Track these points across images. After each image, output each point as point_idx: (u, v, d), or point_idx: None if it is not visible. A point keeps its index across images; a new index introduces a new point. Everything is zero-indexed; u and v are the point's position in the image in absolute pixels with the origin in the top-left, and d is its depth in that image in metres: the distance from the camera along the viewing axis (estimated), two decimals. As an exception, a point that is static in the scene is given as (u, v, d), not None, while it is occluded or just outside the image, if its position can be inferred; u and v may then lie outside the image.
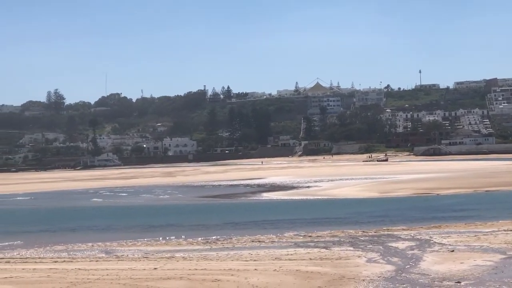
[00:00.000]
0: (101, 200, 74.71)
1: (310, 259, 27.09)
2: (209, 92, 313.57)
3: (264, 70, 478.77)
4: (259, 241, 34.49)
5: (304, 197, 66.03)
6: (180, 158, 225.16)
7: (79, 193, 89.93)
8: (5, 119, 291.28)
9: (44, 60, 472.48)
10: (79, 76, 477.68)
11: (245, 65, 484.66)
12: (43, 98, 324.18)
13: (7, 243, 37.87)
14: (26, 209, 64.85)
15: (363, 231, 36.83)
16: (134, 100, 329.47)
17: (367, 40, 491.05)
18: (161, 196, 76.94)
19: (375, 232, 36.22)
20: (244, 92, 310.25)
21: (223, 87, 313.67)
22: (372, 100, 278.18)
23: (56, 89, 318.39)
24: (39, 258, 30.52)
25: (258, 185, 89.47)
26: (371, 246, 30.89)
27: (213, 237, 37.00)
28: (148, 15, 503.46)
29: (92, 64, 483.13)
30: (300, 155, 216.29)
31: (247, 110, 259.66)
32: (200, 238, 36.82)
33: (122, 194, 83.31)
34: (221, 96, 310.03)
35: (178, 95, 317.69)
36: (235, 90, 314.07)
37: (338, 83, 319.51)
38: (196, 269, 24.16)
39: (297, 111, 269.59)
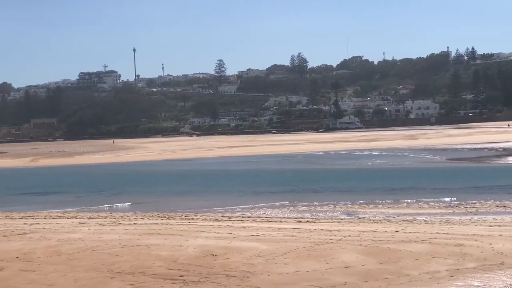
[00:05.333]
0: (342, 162, 75.63)
1: (560, 227, 25.85)
2: (452, 54, 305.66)
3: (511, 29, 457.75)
4: (504, 207, 33.41)
5: (554, 162, 62.83)
6: (422, 121, 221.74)
7: (320, 155, 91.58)
8: (252, 83, 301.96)
9: (289, 25, 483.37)
10: (322, 40, 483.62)
11: (491, 25, 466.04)
12: (287, 62, 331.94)
13: (253, 204, 39.53)
14: (273, 170, 67.07)
15: None
16: (375, 63, 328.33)
17: None
18: (402, 159, 76.46)
19: None
20: (490, 53, 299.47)
21: (467, 48, 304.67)
22: None
23: (300, 53, 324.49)
24: (284, 218, 31.55)
25: (504, 149, 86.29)
26: None
27: (456, 201, 36.35)
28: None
29: (335, 27, 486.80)
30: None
31: (493, 72, 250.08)
32: (442, 202, 36.32)
33: (363, 156, 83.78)
34: (465, 58, 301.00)
35: (420, 57, 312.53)
36: (479, 51, 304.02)
37: None
38: (438, 233, 23.87)
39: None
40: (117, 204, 41.71)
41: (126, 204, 41.91)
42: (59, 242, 23.17)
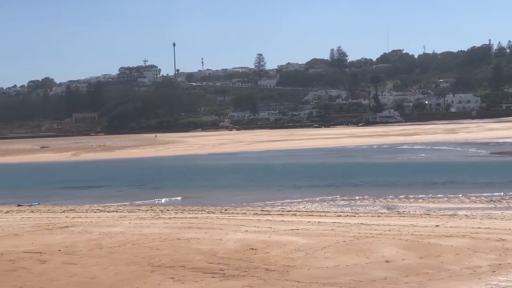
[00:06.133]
0: (382, 156, 75.29)
1: None
2: (494, 47, 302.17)
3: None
4: (547, 201, 33.03)
5: None
6: (463, 114, 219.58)
7: (359, 149, 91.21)
8: (291, 77, 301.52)
9: (328, 19, 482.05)
10: (361, 34, 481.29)
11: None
12: (326, 56, 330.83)
13: (293, 198, 39.54)
14: (312, 164, 66.99)
15: None
16: (415, 56, 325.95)
17: None
18: (443, 153, 75.90)
19: None
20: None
21: (509, 41, 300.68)
22: None
23: (339, 47, 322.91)
24: (324, 212, 31.53)
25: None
26: None
27: (498, 195, 36.00)
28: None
29: (374, 21, 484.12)
30: None
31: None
32: (483, 196, 35.99)
33: (403, 150, 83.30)
34: (507, 51, 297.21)
35: (461, 50, 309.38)
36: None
37: None
38: (480, 228, 23.66)
39: None
40: (157, 199, 41.99)
41: (167, 198, 42.17)
42: (100, 235, 23.42)
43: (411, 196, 37.28)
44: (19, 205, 39.20)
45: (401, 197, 37.25)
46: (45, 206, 37.96)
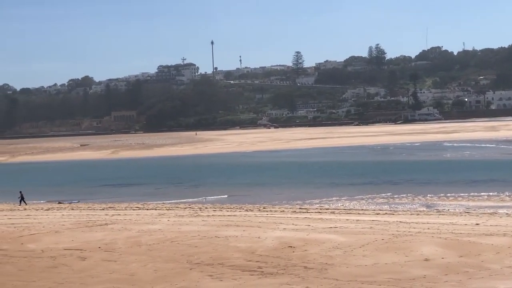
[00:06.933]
0: (421, 154, 74.73)
1: None
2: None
3: None
4: None
5: None
6: (504, 112, 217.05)
7: (398, 147, 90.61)
8: (329, 74, 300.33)
9: (366, 16, 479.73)
10: (400, 31, 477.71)
11: None
12: (364, 53, 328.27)
13: (331, 196, 39.44)
14: (351, 162, 66.74)
15: None
16: (455, 53, 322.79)
17: None
18: (483, 151, 75.08)
19: None
20: None
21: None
22: None
23: (378, 44, 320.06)
24: (362, 210, 31.44)
25: None
26: None
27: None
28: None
29: (413, 18, 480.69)
30: None
31: None
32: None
33: (443, 147, 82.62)
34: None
35: (502, 46, 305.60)
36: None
37: None
38: (521, 226, 23.44)
39: None
40: (203, 197, 42.19)
41: (213, 196, 42.33)
42: (139, 233, 23.58)
43: (451, 194, 37.00)
44: (59, 203, 39.68)
45: (440, 195, 37.00)
46: (85, 204, 38.36)
